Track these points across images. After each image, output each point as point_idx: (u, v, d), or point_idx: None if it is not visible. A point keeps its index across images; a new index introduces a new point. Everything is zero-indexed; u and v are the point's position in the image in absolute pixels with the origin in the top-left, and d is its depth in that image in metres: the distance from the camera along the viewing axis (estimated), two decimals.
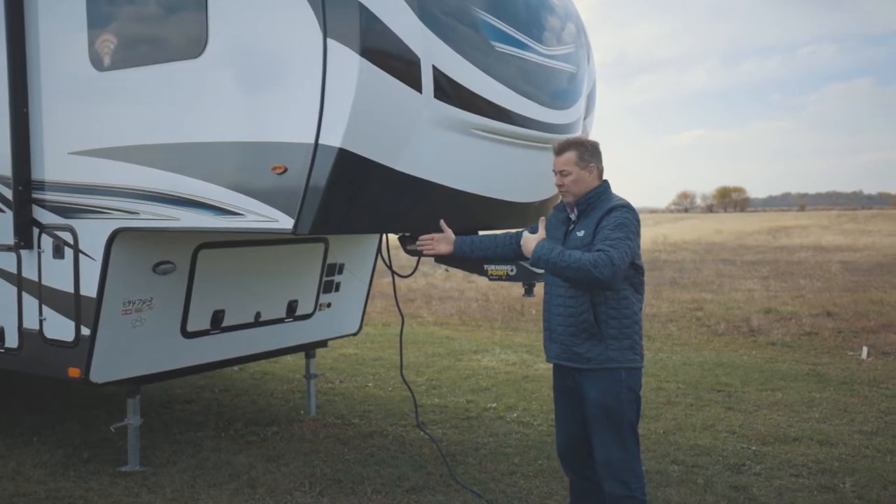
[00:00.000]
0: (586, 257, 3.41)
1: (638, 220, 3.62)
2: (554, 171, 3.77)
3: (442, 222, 4.20)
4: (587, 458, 3.82)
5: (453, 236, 4.19)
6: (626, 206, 3.62)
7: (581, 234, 3.62)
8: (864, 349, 9.26)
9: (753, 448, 5.56)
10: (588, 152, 3.74)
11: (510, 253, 4.11)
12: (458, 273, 16.64)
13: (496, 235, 4.19)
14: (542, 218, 3.80)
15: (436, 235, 4.21)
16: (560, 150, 3.77)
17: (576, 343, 3.62)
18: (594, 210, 3.66)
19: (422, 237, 4.26)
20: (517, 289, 4.96)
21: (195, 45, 4.07)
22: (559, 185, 3.76)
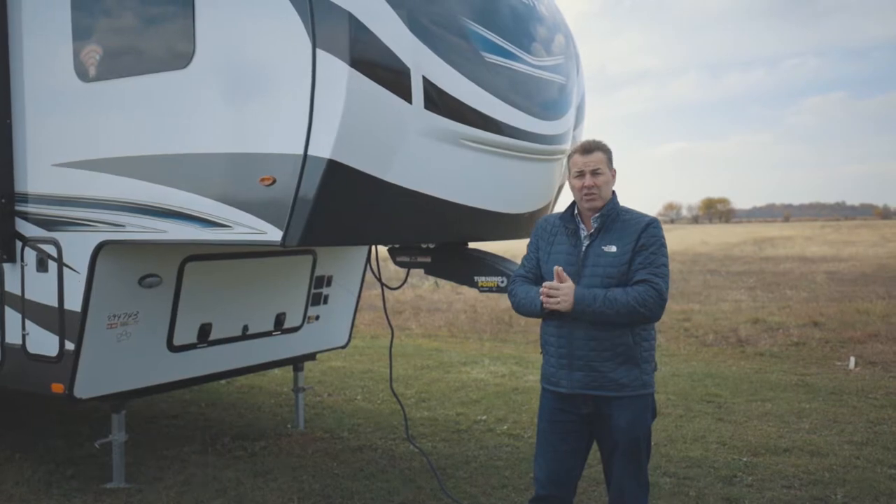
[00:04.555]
0: (631, 298, 3.18)
1: None
2: (582, 171, 3.40)
3: (559, 269, 3.33)
4: (576, 484, 3.61)
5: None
6: (658, 222, 3.40)
7: (613, 249, 3.32)
8: (852, 359, 9.28)
9: (745, 459, 5.53)
10: (611, 155, 3.49)
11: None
12: (446, 285, 16.61)
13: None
14: (558, 267, 3.29)
15: (564, 288, 3.29)
16: (590, 148, 3.44)
17: (611, 369, 3.30)
18: (616, 223, 3.38)
19: (546, 289, 3.33)
20: (505, 300, 4.91)
21: (182, 56, 4.03)
22: (589, 187, 3.38)
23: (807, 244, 39.07)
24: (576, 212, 3.50)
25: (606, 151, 3.48)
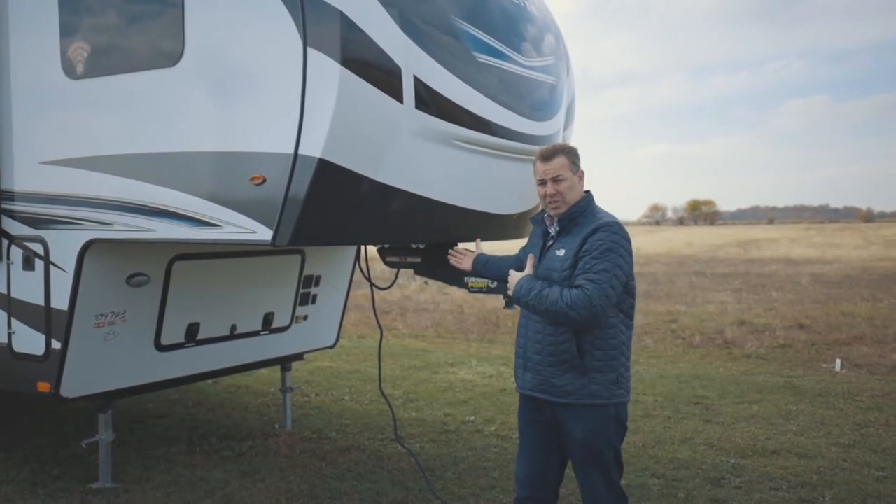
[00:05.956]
0: (563, 299, 3.14)
1: (627, 239, 3.30)
2: (543, 179, 3.43)
3: (478, 241, 4.30)
4: (556, 486, 3.59)
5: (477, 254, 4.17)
6: (613, 225, 3.28)
7: (561, 253, 3.31)
8: (838, 361, 9.34)
9: (732, 461, 5.55)
10: (576, 157, 3.46)
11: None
12: (433, 285, 16.60)
13: (503, 259, 3.98)
14: (531, 255, 3.47)
15: (468, 252, 4.20)
16: (550, 155, 3.43)
17: (554, 374, 3.30)
18: (577, 226, 3.34)
19: (453, 251, 4.30)
20: (492, 301, 4.93)
21: (171, 54, 3.99)
22: (552, 195, 3.39)
23: (792, 246, 39.37)
24: (546, 213, 3.54)
25: (569, 154, 3.45)
